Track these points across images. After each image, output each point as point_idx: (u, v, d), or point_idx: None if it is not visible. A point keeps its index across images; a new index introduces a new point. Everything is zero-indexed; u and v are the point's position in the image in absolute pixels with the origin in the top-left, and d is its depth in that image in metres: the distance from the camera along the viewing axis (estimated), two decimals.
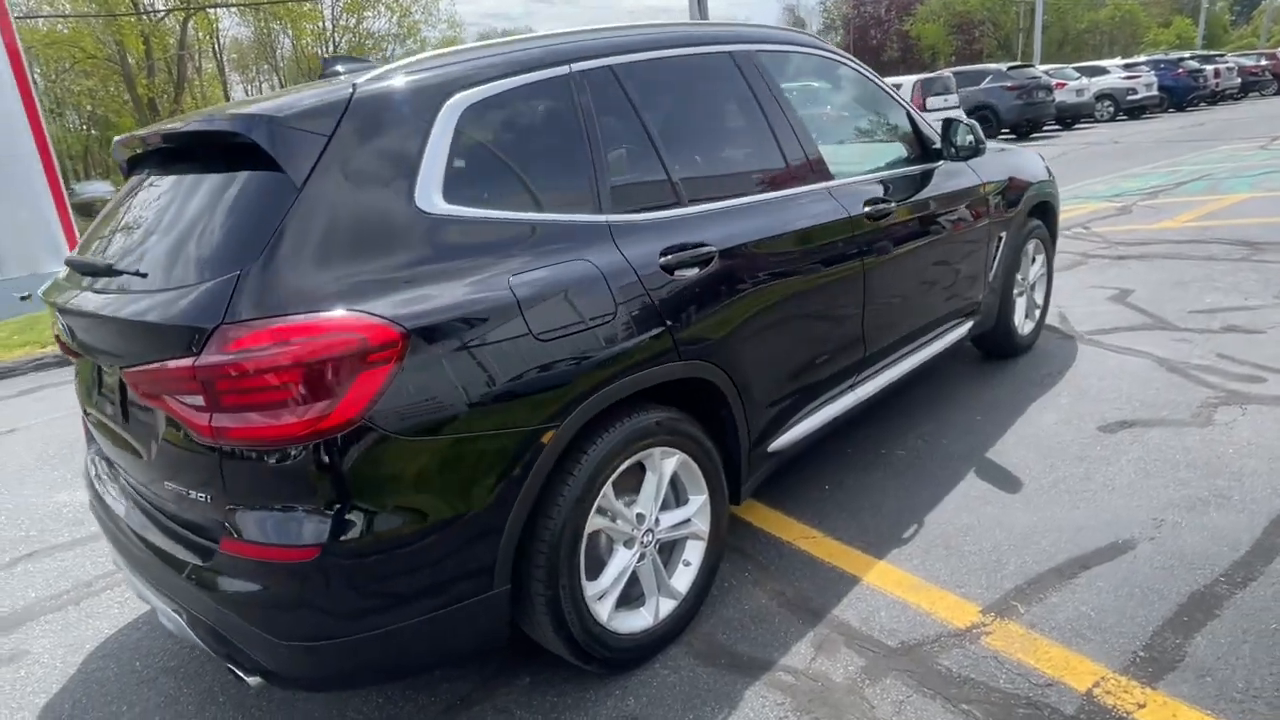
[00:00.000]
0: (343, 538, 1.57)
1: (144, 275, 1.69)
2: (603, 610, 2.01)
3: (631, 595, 2.15)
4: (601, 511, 1.99)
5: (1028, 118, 16.44)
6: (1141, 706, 1.83)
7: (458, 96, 1.85)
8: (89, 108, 45.17)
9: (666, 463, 2.14)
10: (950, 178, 3.29)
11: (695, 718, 1.96)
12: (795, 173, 2.59)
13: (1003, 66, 16.92)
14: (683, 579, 2.25)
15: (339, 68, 2.21)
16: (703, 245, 2.15)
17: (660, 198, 2.19)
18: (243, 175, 1.68)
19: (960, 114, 3.14)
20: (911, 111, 3.27)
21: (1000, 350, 4.05)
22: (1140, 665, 1.95)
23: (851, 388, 2.85)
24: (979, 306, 3.61)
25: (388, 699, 2.14)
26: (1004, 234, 3.64)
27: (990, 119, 16.29)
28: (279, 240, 1.57)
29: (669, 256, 2.07)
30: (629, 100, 2.20)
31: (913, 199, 3.04)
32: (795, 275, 2.45)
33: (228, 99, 47.05)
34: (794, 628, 2.25)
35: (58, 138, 46.43)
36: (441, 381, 1.63)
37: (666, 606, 2.20)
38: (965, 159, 3.24)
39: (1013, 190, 3.68)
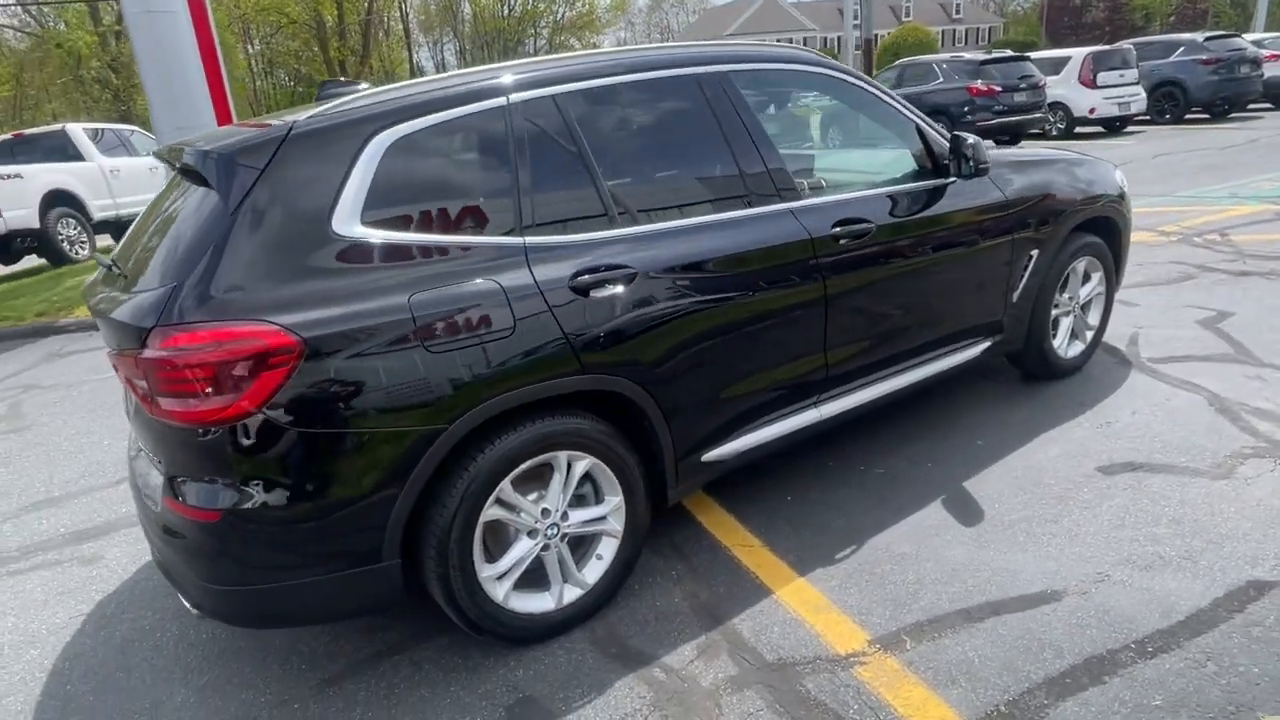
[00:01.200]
0: (242, 507, 1.91)
1: (127, 278, 2.10)
2: (498, 590, 2.26)
3: (537, 579, 2.38)
4: (502, 503, 2.23)
5: (1224, 95, 14.43)
6: None
7: (385, 133, 2.10)
8: (295, 67, 49.93)
9: (577, 465, 2.34)
10: (963, 194, 3.17)
11: (566, 696, 2.18)
12: (752, 194, 2.65)
13: (1199, 36, 14.91)
14: (593, 571, 2.46)
15: (332, 90, 2.52)
16: (622, 267, 2.30)
17: (592, 222, 2.35)
18: (202, 199, 2.03)
19: (968, 136, 2.92)
20: (923, 127, 3.16)
21: (1036, 372, 3.84)
22: (993, 719, 1.96)
23: (815, 405, 2.89)
24: (1000, 325, 3.46)
25: (334, 638, 2.52)
26: (1035, 252, 3.45)
27: (1177, 97, 14.53)
28: (210, 257, 1.90)
29: (583, 277, 2.24)
30: (568, 128, 2.36)
31: (906, 217, 2.98)
32: (735, 296, 2.53)
33: (411, 61, 50.32)
34: (690, 630, 2.40)
35: (267, 94, 51.75)
36: (334, 383, 1.92)
37: (572, 594, 2.42)
38: (967, 177, 3.10)
39: (1050, 206, 3.46)
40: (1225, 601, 2.27)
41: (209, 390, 1.85)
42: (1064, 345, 3.83)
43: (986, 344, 3.43)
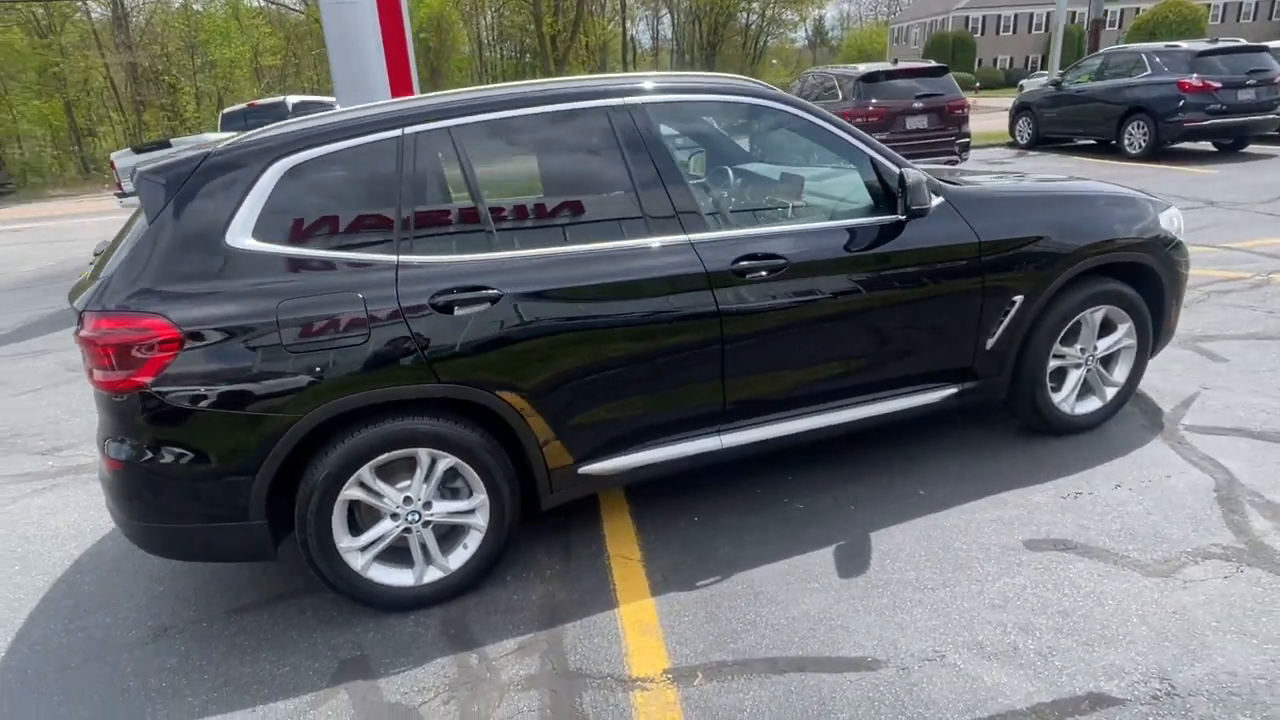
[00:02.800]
0: (137, 461, 2.38)
1: (96, 272, 2.62)
2: (358, 560, 2.60)
3: (404, 556, 2.69)
4: (364, 487, 2.55)
5: None
6: None
7: (283, 160, 2.45)
8: (521, 39, 53.37)
9: (440, 462, 2.61)
10: (923, 232, 3.00)
11: (390, 662, 2.48)
12: (650, 226, 2.72)
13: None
14: (458, 558, 2.73)
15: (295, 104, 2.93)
16: (485, 289, 2.51)
17: (470, 246, 2.58)
18: (142, 211, 2.50)
19: (911, 173, 2.60)
20: (878, 161, 3.01)
21: (1033, 427, 3.53)
22: None
23: (716, 434, 2.93)
24: (970, 371, 3.24)
25: (261, 575, 2.99)
26: (1018, 298, 3.17)
27: None
28: (130, 259, 2.37)
29: (445, 296, 2.48)
30: (459, 158, 2.59)
31: (832, 255, 2.90)
32: (612, 324, 2.64)
33: (625, 36, 51.78)
34: (525, 627, 2.60)
35: (494, 64, 55.61)
36: (208, 370, 2.32)
37: (433, 575, 2.71)
38: (908, 217, 2.92)
39: (1041, 249, 3.16)
40: (1046, 709, 2.10)
41: (115, 365, 2.32)
42: (1069, 400, 3.48)
43: (951, 390, 3.24)
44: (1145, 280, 3.46)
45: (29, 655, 2.65)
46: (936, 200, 3.07)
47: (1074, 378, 3.48)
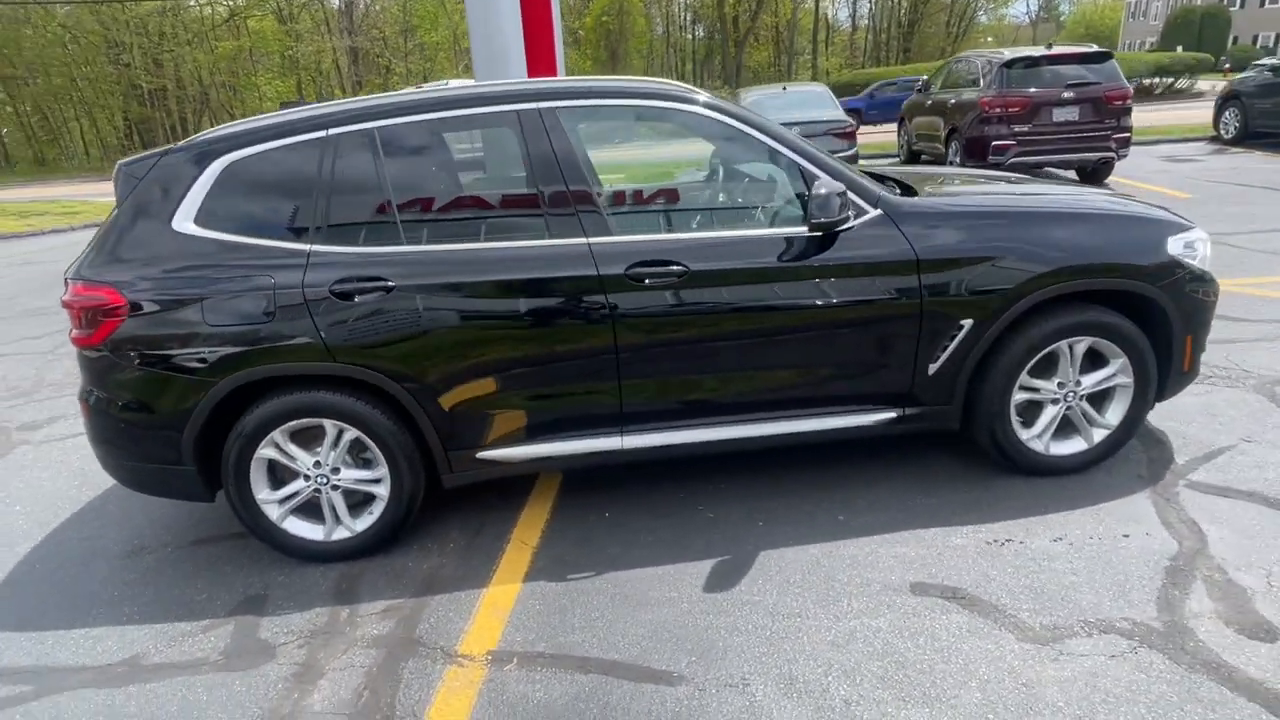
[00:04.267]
0: (97, 407, 2.86)
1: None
2: (272, 512, 2.95)
3: (318, 513, 3.01)
4: (278, 448, 2.89)
5: None
6: None
7: (224, 158, 2.80)
8: (712, 20, 53.38)
9: (346, 434, 2.89)
10: (852, 246, 2.84)
11: (281, 604, 2.81)
12: (552, 227, 2.80)
13: None
14: (363, 523, 3.01)
15: (292, 108, 3.29)
16: (381, 280, 2.73)
17: (379, 239, 2.80)
18: None
19: (824, 186, 2.32)
20: (808, 170, 2.87)
21: (998, 462, 3.23)
22: None
23: (619, 434, 2.98)
24: (911, 397, 3.03)
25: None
26: (967, 322, 2.91)
27: None
28: (102, 237, 2.83)
29: (345, 284, 2.73)
30: (375, 159, 2.81)
31: (739, 265, 2.83)
32: (502, 320, 2.77)
33: (816, 15, 50.07)
34: (402, 591, 2.83)
35: (682, 46, 55.98)
36: (147, 335, 2.74)
37: (341, 534, 3.00)
38: (814, 231, 2.76)
39: (996, 271, 2.87)
40: None
41: (83, 325, 2.80)
42: (1043, 439, 3.15)
43: (890, 415, 3.05)
44: (1147, 312, 3.04)
45: (45, 550, 3.27)
46: (871, 213, 2.89)
47: (1049, 414, 3.14)
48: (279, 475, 2.98)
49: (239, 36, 34.20)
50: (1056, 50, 9.38)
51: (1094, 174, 9.52)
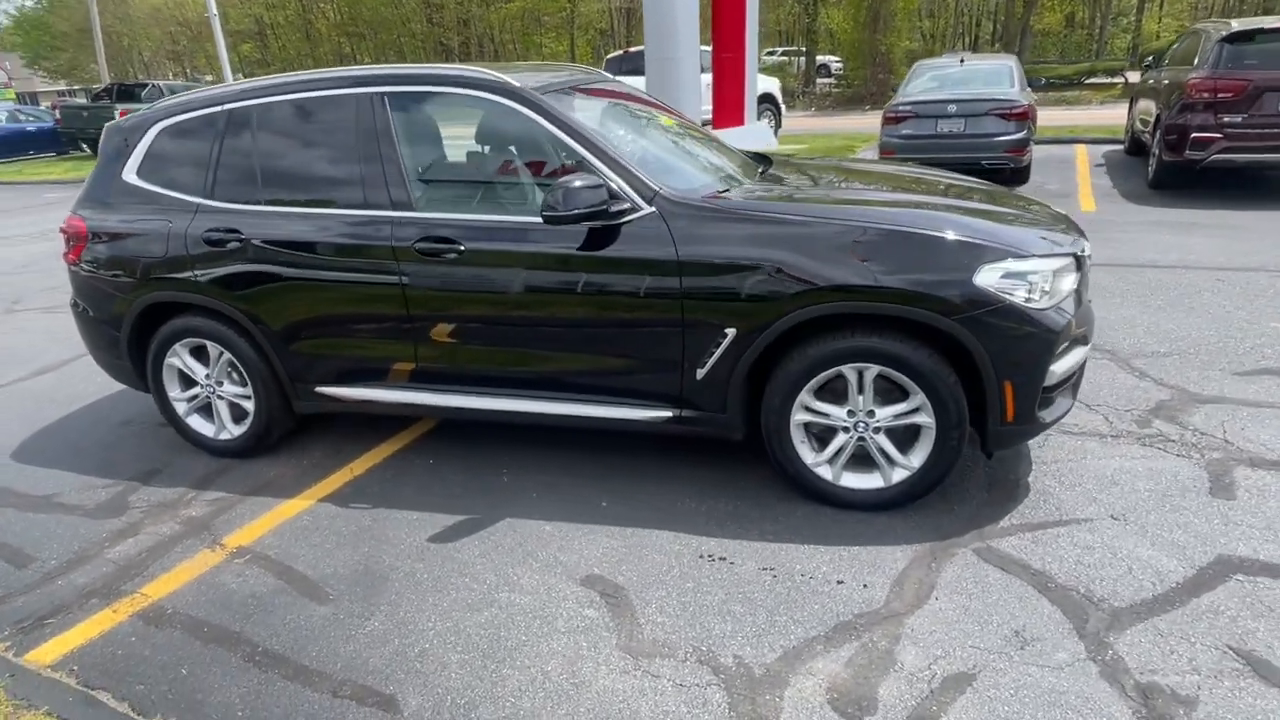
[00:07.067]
0: (77, 309, 3.81)
1: None
2: (180, 408, 3.74)
3: (209, 416, 3.75)
4: (180, 359, 3.64)
5: None
6: None
7: (160, 123, 3.54)
8: None
9: (224, 356, 3.57)
10: (628, 241, 2.85)
11: (156, 482, 3.58)
12: (369, 199, 3.17)
13: None
14: (239, 429, 3.69)
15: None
16: (236, 232, 3.31)
17: (248, 198, 3.38)
18: None
19: (569, 180, 2.05)
20: (591, 162, 2.89)
21: (790, 483, 3.05)
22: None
23: (428, 390, 3.32)
24: (683, 400, 2.99)
25: None
26: (731, 331, 2.80)
27: None
28: (89, 181, 3.73)
29: (211, 233, 3.36)
30: (252, 131, 3.37)
31: (509, 248, 3.00)
32: (319, 274, 3.24)
33: None
34: (233, 486, 3.46)
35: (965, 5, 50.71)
36: (99, 258, 3.60)
37: (225, 435, 3.72)
38: (552, 222, 2.78)
39: (762, 283, 2.71)
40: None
41: (67, 246, 3.74)
42: (833, 468, 2.94)
43: (666, 414, 3.05)
44: (956, 349, 2.69)
45: (75, 410, 4.41)
46: (644, 209, 2.87)
47: (838, 442, 2.91)
48: (188, 379, 3.75)
49: None
50: None
51: None
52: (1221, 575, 2.51)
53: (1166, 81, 8.53)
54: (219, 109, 3.46)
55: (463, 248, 3.03)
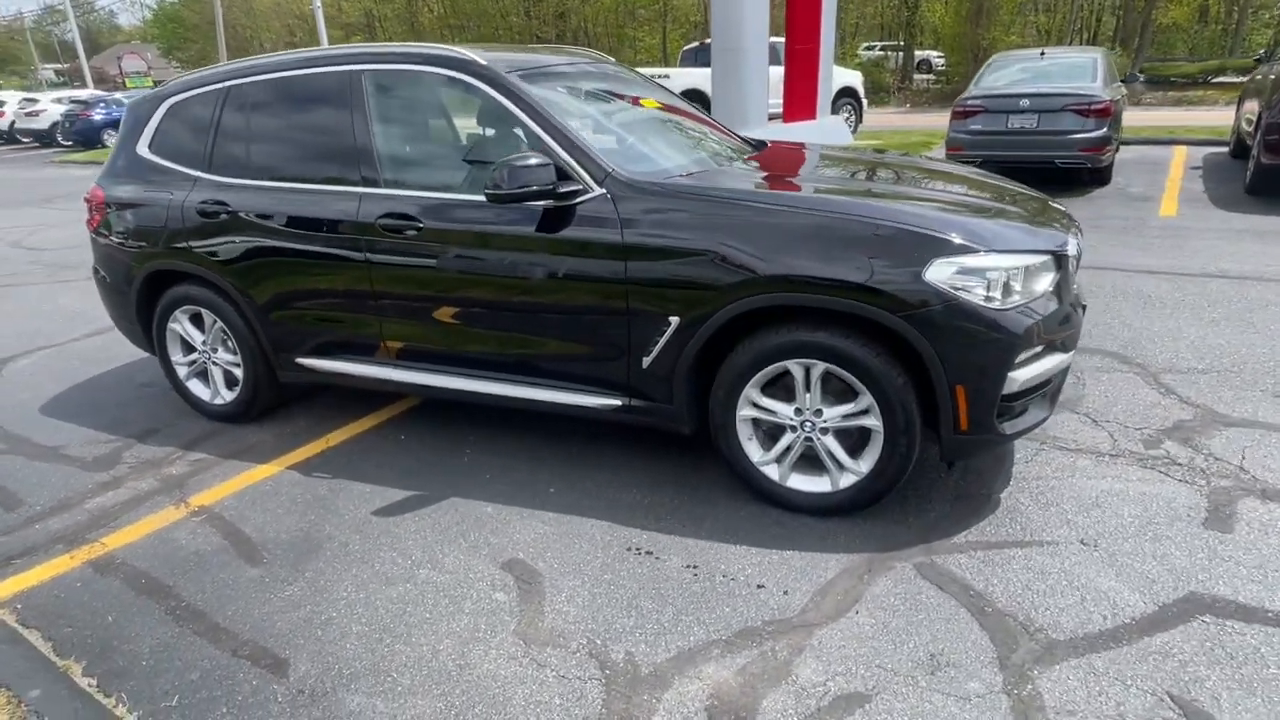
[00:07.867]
0: (98, 274, 4.05)
1: None
2: (182, 372, 3.92)
3: (206, 381, 3.91)
4: (180, 325, 3.82)
5: None
6: None
7: (169, 99, 3.71)
8: None
9: (218, 324, 3.72)
10: (582, 223, 2.79)
11: (151, 441, 3.77)
12: (342, 175, 3.22)
13: None
14: (232, 394, 3.84)
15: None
16: (224, 204, 3.44)
17: (239, 173, 3.50)
18: None
19: (514, 160, 2.00)
20: (552, 146, 2.83)
21: (740, 480, 2.93)
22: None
23: (393, 366, 3.37)
24: (631, 388, 2.91)
25: None
26: (674, 320, 2.70)
27: None
28: (111, 154, 3.96)
29: (206, 205, 3.49)
30: (246, 108, 3.48)
31: (460, 228, 3.00)
32: (294, 246, 3.31)
33: None
34: (215, 449, 3.60)
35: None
36: (115, 225, 3.81)
37: (219, 400, 3.88)
38: (496, 200, 2.73)
39: (704, 272, 2.60)
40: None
41: (89, 214, 3.98)
42: (781, 469, 2.81)
43: (616, 402, 2.98)
44: (908, 350, 2.51)
45: (110, 369, 4.70)
46: (595, 191, 2.80)
47: (785, 441, 2.77)
48: (188, 345, 3.93)
49: None
50: None
51: None
52: (1186, 614, 2.24)
53: (1274, 77, 7.76)
54: (219, 86, 3.60)
55: (421, 225, 3.05)
